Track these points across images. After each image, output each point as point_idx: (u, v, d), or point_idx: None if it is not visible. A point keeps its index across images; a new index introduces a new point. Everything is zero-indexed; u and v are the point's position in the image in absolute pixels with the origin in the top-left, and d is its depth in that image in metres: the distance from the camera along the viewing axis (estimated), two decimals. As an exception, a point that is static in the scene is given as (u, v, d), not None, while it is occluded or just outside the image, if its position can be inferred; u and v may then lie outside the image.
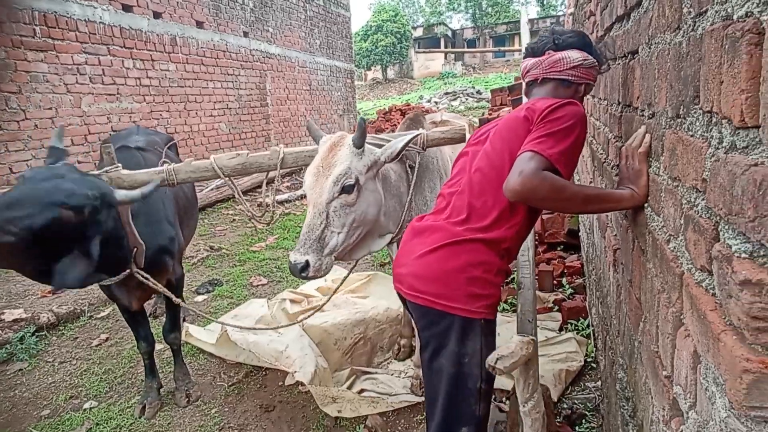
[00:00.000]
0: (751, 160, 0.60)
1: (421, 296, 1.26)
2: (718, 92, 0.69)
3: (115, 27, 6.72)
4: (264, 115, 10.27)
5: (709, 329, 0.69)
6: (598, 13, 2.35)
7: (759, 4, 0.59)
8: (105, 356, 3.13)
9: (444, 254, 1.25)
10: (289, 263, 1.59)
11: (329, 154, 1.70)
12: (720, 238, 0.68)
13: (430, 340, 1.27)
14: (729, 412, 0.63)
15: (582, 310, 2.65)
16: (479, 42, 38.53)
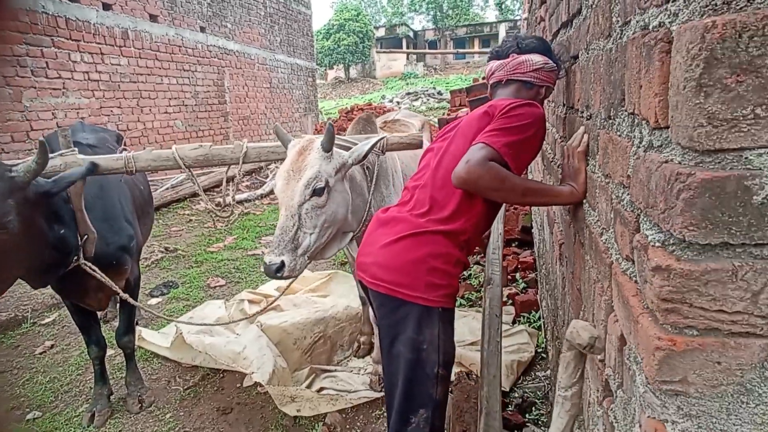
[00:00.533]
0: (663, 157, 0.66)
1: (382, 285, 1.30)
2: (638, 95, 0.75)
3: (60, 17, 6.38)
4: (222, 113, 10.03)
5: (630, 313, 0.75)
6: (547, 18, 2.46)
7: (669, 15, 0.65)
8: (50, 364, 2.98)
9: (406, 245, 1.30)
10: (264, 264, 1.61)
11: (299, 158, 1.74)
12: (640, 230, 0.74)
13: (390, 327, 1.31)
14: (646, 387, 0.68)
15: (534, 303, 2.76)
16: (440, 43, 39.08)
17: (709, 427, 0.64)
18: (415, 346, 1.27)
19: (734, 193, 0.56)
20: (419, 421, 1.29)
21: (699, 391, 0.63)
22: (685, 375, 0.63)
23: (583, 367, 0.87)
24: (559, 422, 0.89)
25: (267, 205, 7.15)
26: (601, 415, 0.97)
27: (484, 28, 38.53)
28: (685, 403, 0.64)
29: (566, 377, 0.87)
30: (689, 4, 0.59)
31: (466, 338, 2.56)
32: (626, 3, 0.85)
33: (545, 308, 2.48)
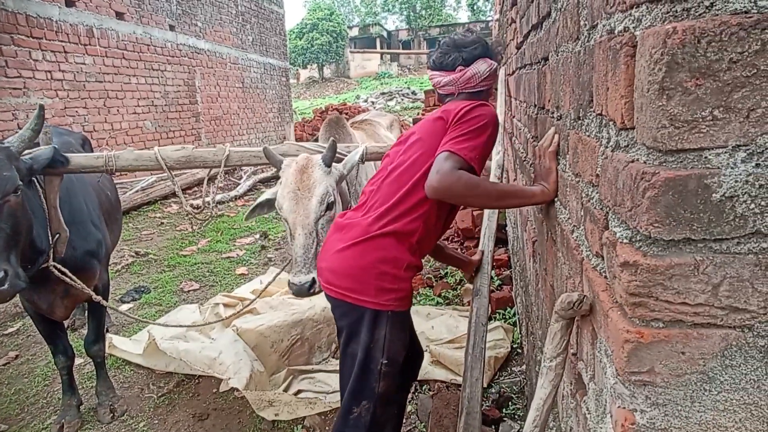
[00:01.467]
0: (629, 157, 0.68)
1: (335, 289, 1.37)
2: (605, 97, 0.78)
3: (19, 14, 6.12)
4: (193, 113, 9.82)
5: (601, 308, 0.77)
6: (518, 20, 2.51)
7: (633, 21, 0.67)
8: (15, 375, 2.86)
9: (357, 251, 1.34)
10: (295, 286, 1.65)
11: (302, 177, 1.78)
12: (609, 227, 0.77)
13: (345, 328, 1.39)
14: (616, 378, 0.71)
15: (509, 300, 2.81)
16: (414, 43, 39.31)
17: (674, 414, 0.67)
18: (365, 346, 1.35)
19: (695, 191, 0.59)
20: (361, 411, 1.37)
21: (665, 380, 0.66)
22: (652, 366, 0.66)
23: (568, 339, 0.91)
24: (543, 392, 0.93)
25: (241, 206, 7.04)
26: (575, 408, 1.00)
27: (457, 28, 38.98)
28: (652, 392, 0.67)
29: (552, 348, 0.91)
30: (651, 10, 0.61)
31: (444, 336, 2.59)
32: (593, 7, 0.88)
33: (520, 304, 2.53)
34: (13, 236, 1.66)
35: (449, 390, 2.01)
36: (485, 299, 1.82)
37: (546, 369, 0.96)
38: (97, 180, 2.61)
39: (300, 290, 1.66)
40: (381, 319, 1.33)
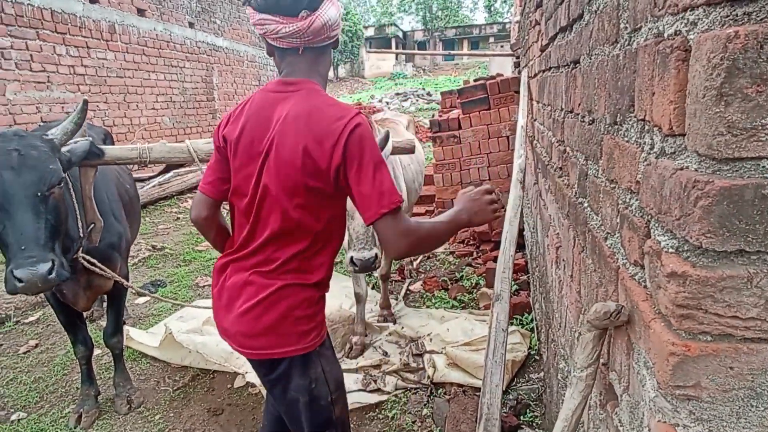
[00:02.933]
0: (678, 164, 0.66)
1: (254, 352, 1.22)
2: (650, 102, 0.76)
3: (45, 10, 6.24)
4: (210, 110, 9.91)
5: (641, 318, 0.75)
6: (543, 22, 2.48)
7: (686, 24, 0.65)
8: (35, 364, 2.91)
9: (264, 307, 1.18)
10: (359, 260, 1.74)
11: None
12: (651, 235, 0.75)
13: (276, 382, 1.27)
14: (657, 392, 0.69)
15: (526, 305, 2.78)
16: (429, 44, 39.23)
17: (719, 430, 0.65)
18: (304, 389, 1.24)
19: (752, 202, 0.57)
20: None
21: (711, 395, 0.64)
22: (698, 380, 0.64)
23: (600, 349, 0.89)
24: (572, 403, 0.91)
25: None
26: (604, 419, 0.98)
27: (473, 30, 38.83)
28: (697, 407, 0.65)
29: (583, 358, 0.89)
30: (709, 13, 0.59)
31: (459, 339, 2.57)
32: (636, 10, 0.86)
33: (538, 310, 2.50)
34: (57, 227, 1.70)
35: (466, 395, 2.00)
36: (506, 304, 1.80)
37: (576, 379, 0.94)
38: (117, 174, 2.65)
39: (365, 264, 1.76)
40: (311, 358, 1.23)
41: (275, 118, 1.17)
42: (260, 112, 1.20)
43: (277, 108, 1.18)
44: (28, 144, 1.68)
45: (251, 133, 1.20)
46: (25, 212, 1.59)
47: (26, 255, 1.55)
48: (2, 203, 1.58)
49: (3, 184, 1.58)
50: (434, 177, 4.95)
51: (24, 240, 1.57)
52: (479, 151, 4.73)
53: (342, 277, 3.79)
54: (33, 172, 1.63)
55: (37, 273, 1.54)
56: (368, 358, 2.62)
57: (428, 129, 12.20)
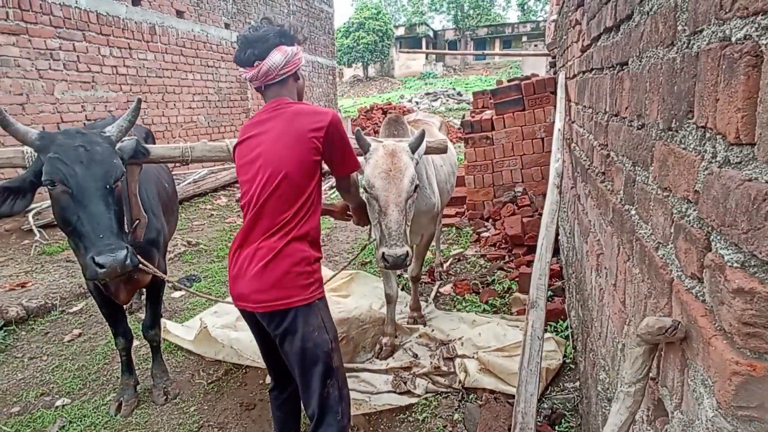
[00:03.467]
0: (745, 175, 0.63)
1: (266, 304, 1.48)
2: (713, 109, 0.73)
3: (91, 12, 6.51)
4: (244, 109, 10.12)
5: (699, 334, 0.72)
6: (584, 22, 2.41)
7: (758, 29, 0.62)
8: (78, 352, 3.04)
9: (272, 266, 1.48)
10: (392, 257, 1.80)
11: (392, 160, 1.93)
12: (712, 248, 0.72)
13: (285, 333, 1.50)
14: (716, 411, 0.66)
15: (561, 312, 2.72)
16: (460, 44, 38.88)
17: (785, 456, 0.62)
18: (308, 336, 1.50)
19: (830, 217, 0.54)
20: (330, 389, 1.55)
21: (778, 419, 0.61)
22: (762, 401, 0.61)
23: (650, 365, 0.86)
24: (618, 418, 0.88)
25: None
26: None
27: (506, 28, 38.23)
28: (759, 429, 0.62)
29: (632, 373, 0.86)
30: (787, 17, 0.56)
31: (491, 344, 2.54)
32: (697, 12, 0.82)
33: (574, 318, 2.44)
34: (120, 219, 1.79)
35: (498, 402, 1.97)
36: (542, 312, 1.77)
37: (623, 394, 0.91)
38: (157, 173, 2.73)
39: (397, 261, 1.80)
40: (312, 309, 1.51)
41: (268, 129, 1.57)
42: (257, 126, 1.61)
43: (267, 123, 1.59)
44: (91, 140, 1.76)
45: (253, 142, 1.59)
46: (98, 203, 1.67)
47: (105, 243, 1.64)
48: (76, 195, 1.66)
49: (76, 178, 1.66)
50: (465, 178, 4.91)
51: (101, 229, 1.65)
52: (512, 153, 4.66)
53: (372, 277, 3.80)
54: (100, 166, 1.71)
55: (117, 259, 1.62)
56: (398, 359, 2.62)
57: (458, 129, 12.09)
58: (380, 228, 1.89)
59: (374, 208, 1.93)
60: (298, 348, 1.50)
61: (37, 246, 5.04)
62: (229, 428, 2.31)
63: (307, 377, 1.53)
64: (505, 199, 4.53)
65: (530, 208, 4.19)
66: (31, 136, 1.75)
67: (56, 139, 1.74)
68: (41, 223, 5.42)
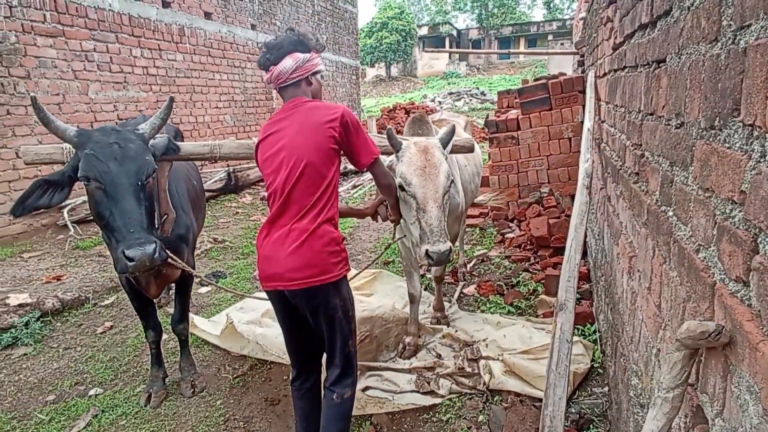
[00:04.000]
0: (799, 174, 0.61)
1: (302, 281, 1.61)
2: (763, 106, 0.70)
3: (124, 15, 6.71)
4: (269, 109, 10.25)
5: (745, 339, 0.70)
6: (616, 19, 2.36)
7: (813, 22, 0.59)
8: (110, 344, 3.14)
9: (307, 246, 1.61)
10: (435, 253, 1.81)
11: (427, 156, 1.95)
12: (760, 250, 0.69)
13: (318, 307, 1.66)
14: (762, 418, 0.64)
15: (589, 315, 2.66)
16: (484, 43, 38.50)
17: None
18: (337, 306, 1.68)
19: None
20: (350, 349, 1.76)
21: (833, 430, 0.58)
22: (815, 411, 0.59)
23: (690, 370, 0.84)
24: (655, 424, 0.86)
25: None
26: (691, 443, 0.92)
27: (531, 27, 37.67)
28: (811, 440, 0.60)
29: (670, 378, 0.84)
30: None
31: (517, 346, 2.51)
32: (744, 6, 0.79)
33: (603, 321, 2.38)
34: (151, 214, 1.85)
35: (524, 405, 1.94)
36: (570, 314, 1.74)
37: (661, 400, 0.89)
38: (186, 170, 2.79)
39: (441, 257, 1.80)
40: (342, 283, 1.69)
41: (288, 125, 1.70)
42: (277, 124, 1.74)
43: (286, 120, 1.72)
44: (125, 138, 1.82)
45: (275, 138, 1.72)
46: (130, 199, 1.73)
47: (135, 237, 1.69)
48: (109, 191, 1.73)
49: (109, 174, 1.73)
50: (490, 179, 4.86)
51: (131, 224, 1.71)
52: (538, 153, 4.60)
53: (395, 276, 3.80)
54: (133, 162, 1.77)
55: (146, 252, 1.67)
56: (422, 359, 2.62)
57: (482, 129, 11.97)
58: (420, 225, 1.88)
59: (411, 206, 1.92)
60: (330, 317, 1.68)
61: (71, 241, 5.23)
62: (254, 422, 2.34)
63: (335, 339, 1.73)
64: (531, 200, 4.47)
65: (557, 210, 4.12)
66: (70, 133, 1.82)
67: (93, 136, 1.80)
68: (75, 219, 5.61)
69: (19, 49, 5.39)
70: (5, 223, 5.38)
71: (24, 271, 4.41)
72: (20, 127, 5.42)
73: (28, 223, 5.58)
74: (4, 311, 3.26)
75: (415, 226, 1.91)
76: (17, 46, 5.38)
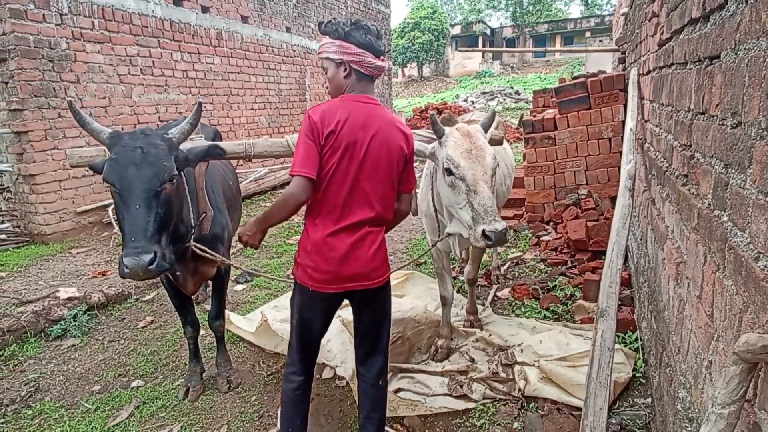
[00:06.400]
0: None
1: (381, 278, 1.73)
2: (837, 105, 0.65)
3: (165, 21, 6.95)
4: (302, 110, 10.40)
5: (815, 356, 0.65)
6: (663, 14, 2.26)
7: None
8: (150, 338, 3.26)
9: (380, 247, 1.73)
10: (493, 232, 1.77)
11: (471, 140, 1.97)
12: (833, 261, 0.64)
13: (383, 298, 1.80)
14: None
15: (630, 323, 2.56)
16: (518, 41, 37.79)
17: None
18: (390, 297, 1.87)
19: None
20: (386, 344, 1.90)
21: None
22: None
23: (747, 386, 0.79)
24: None
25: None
26: (749, 463, 0.86)
27: (567, 24, 36.68)
28: None
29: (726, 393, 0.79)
30: None
31: (553, 353, 2.44)
32: (814, -2, 0.74)
33: (646, 330, 2.29)
34: (166, 220, 1.83)
35: (561, 413, 1.88)
36: (612, 321, 1.68)
37: (715, 416, 0.84)
38: (222, 170, 2.85)
39: (500, 236, 1.75)
40: (389, 282, 1.83)
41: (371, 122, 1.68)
42: (357, 117, 1.66)
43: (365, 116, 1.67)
44: (150, 142, 1.83)
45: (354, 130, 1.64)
46: (138, 205, 1.72)
47: (134, 245, 1.68)
48: (123, 196, 1.74)
49: (126, 179, 1.74)
50: (525, 180, 4.76)
51: (134, 231, 1.70)
52: (576, 154, 4.46)
53: (427, 278, 3.78)
54: (150, 168, 1.76)
55: (139, 263, 1.65)
56: (454, 362, 2.58)
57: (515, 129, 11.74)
58: (472, 207, 1.84)
59: (461, 189, 1.89)
60: (386, 310, 1.85)
61: (115, 237, 5.46)
62: (288, 420, 2.37)
63: (383, 330, 1.87)
64: (568, 202, 4.34)
65: (595, 212, 3.99)
66: (103, 135, 1.86)
67: (122, 139, 1.82)
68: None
69: (69, 55, 5.68)
70: (56, 220, 5.67)
71: (72, 266, 4.64)
72: (70, 129, 5.71)
73: (76, 221, 5.87)
74: (55, 304, 3.44)
75: (466, 210, 1.86)
76: (68, 52, 5.66)
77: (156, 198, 1.76)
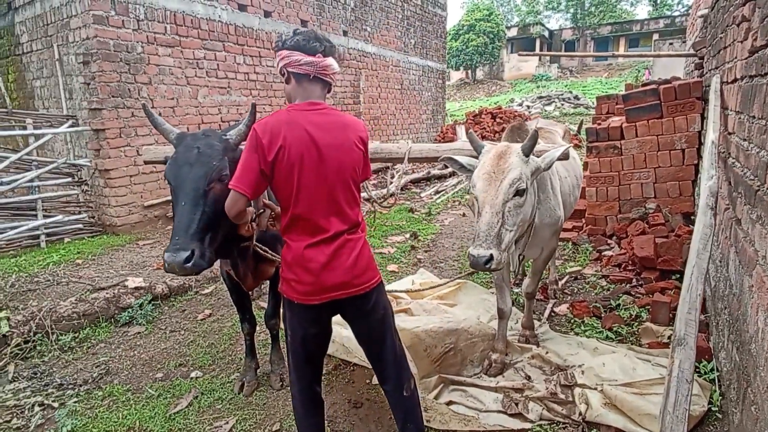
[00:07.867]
0: None
1: (364, 286, 1.70)
2: None
3: (230, 25, 7.26)
4: (356, 113, 10.53)
5: None
6: (755, 19, 2.08)
7: None
8: (209, 330, 3.39)
9: (360, 255, 1.70)
10: (472, 257, 1.81)
11: (499, 162, 1.93)
12: None
13: (373, 307, 1.75)
14: None
15: (705, 351, 2.36)
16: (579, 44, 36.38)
17: None
18: (385, 305, 1.81)
19: None
20: (396, 341, 1.87)
21: None
22: None
23: None
24: None
25: (391, 205, 7.32)
26: None
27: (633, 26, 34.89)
28: None
29: None
30: None
31: (618, 377, 2.30)
32: None
33: (725, 360, 2.11)
34: (214, 219, 1.83)
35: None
36: (691, 351, 1.56)
37: None
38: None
39: (476, 262, 1.79)
40: (382, 284, 1.80)
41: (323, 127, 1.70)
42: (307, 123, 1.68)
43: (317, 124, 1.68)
44: (208, 143, 1.88)
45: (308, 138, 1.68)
46: (186, 203, 1.78)
47: (175, 241, 1.73)
48: (176, 193, 1.81)
49: (179, 178, 1.81)
50: (587, 190, 4.55)
51: (178, 227, 1.76)
52: (644, 165, 4.22)
53: (480, 288, 3.69)
54: (201, 168, 1.81)
55: (175, 259, 1.69)
56: (509, 378, 2.50)
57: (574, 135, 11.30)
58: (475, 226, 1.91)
59: (475, 207, 1.96)
60: (383, 315, 1.79)
61: (178, 231, 5.75)
62: (338, 423, 2.39)
63: (386, 336, 1.82)
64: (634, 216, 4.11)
65: (665, 228, 3.75)
66: (171, 135, 1.96)
67: (185, 140, 1.90)
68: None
69: (143, 58, 6.05)
70: (126, 213, 6.06)
71: (139, 257, 4.93)
72: (141, 128, 6.08)
73: (143, 214, 6.24)
74: (123, 292, 3.67)
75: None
76: (142, 56, 6.04)
77: (204, 197, 1.79)
